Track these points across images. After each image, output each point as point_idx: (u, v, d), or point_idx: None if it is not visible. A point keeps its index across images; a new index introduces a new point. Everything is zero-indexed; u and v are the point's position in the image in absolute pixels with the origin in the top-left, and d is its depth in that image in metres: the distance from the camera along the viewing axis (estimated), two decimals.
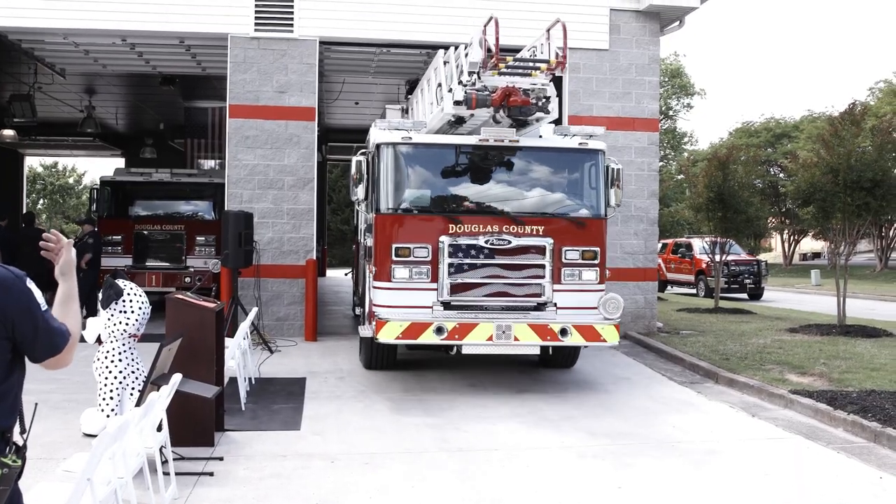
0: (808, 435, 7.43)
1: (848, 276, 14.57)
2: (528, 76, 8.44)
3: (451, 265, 8.77)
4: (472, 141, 9.17)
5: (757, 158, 24.60)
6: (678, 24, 14.35)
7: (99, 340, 6.88)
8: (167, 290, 13.45)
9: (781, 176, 40.44)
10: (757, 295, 25.28)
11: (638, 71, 14.00)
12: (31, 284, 2.67)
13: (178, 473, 5.53)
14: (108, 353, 6.82)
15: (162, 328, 6.91)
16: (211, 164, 19.60)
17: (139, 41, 14.08)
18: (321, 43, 13.43)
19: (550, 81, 8.58)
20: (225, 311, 9.11)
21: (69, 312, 2.81)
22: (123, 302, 6.81)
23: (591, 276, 9.19)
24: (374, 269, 9.24)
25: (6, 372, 2.63)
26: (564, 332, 8.59)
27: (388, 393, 9.04)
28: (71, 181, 58.28)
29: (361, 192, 9.51)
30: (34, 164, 51.73)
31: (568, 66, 8.64)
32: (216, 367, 6.91)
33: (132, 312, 6.82)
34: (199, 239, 15.93)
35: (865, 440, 7.24)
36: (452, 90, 8.59)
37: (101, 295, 6.85)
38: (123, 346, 6.85)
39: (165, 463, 5.32)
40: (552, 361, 10.34)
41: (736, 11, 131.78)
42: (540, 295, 8.91)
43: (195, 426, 6.53)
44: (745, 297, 24.76)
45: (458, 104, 8.39)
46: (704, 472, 6.34)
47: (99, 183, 16.67)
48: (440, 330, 8.43)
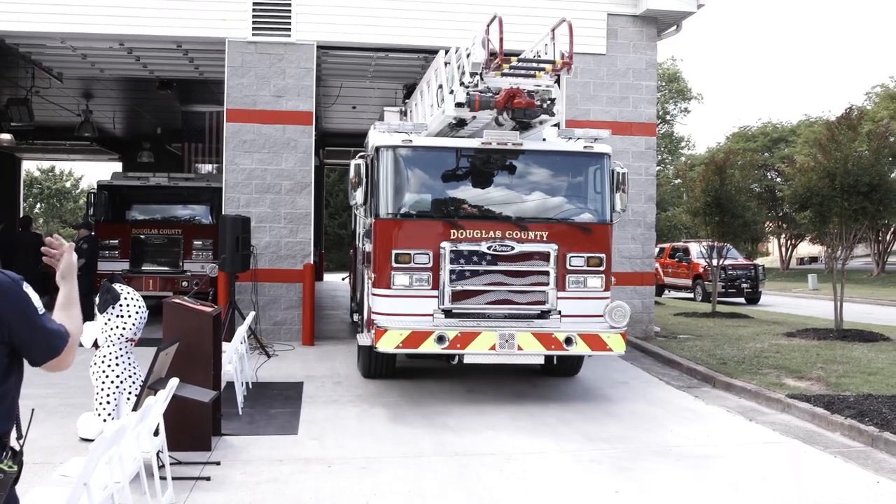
0: (805, 439, 7.44)
1: (845, 280, 14.60)
2: (532, 77, 8.19)
3: (452, 272, 8.51)
4: (474, 144, 8.93)
5: (754, 163, 24.65)
6: (675, 28, 14.40)
7: (96, 345, 6.88)
8: (164, 294, 13.43)
9: (778, 180, 40.53)
10: (754, 299, 25.30)
11: (635, 75, 14.04)
12: (27, 288, 2.66)
13: (174, 478, 5.51)
14: (105, 357, 6.81)
15: (159, 332, 6.89)
16: (208, 168, 19.59)
17: (137, 45, 14.09)
18: (319, 47, 13.44)
19: (556, 83, 8.33)
20: (222, 315, 9.09)
21: (70, 316, 2.82)
22: (120, 306, 6.80)
23: (596, 283, 8.91)
24: (373, 275, 8.99)
25: (3, 376, 2.63)
26: (569, 341, 8.35)
27: (385, 397, 9.02)
28: (68, 185, 58.23)
29: (360, 196, 9.20)
30: (31, 167, 51.83)
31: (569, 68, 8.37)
32: (213, 371, 6.90)
33: (129, 317, 6.81)
34: (196, 243, 15.92)
35: (862, 444, 7.25)
36: (454, 92, 8.32)
37: (98, 299, 6.85)
38: (120, 350, 6.85)
39: (162, 467, 5.30)
40: (555, 370, 10.06)
41: (733, 16, 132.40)
42: (544, 302, 8.66)
43: (192, 431, 6.52)
44: (742, 301, 24.76)
45: (459, 106, 8.14)
46: (702, 476, 6.33)
47: (96, 187, 16.68)
48: (442, 339, 8.18)
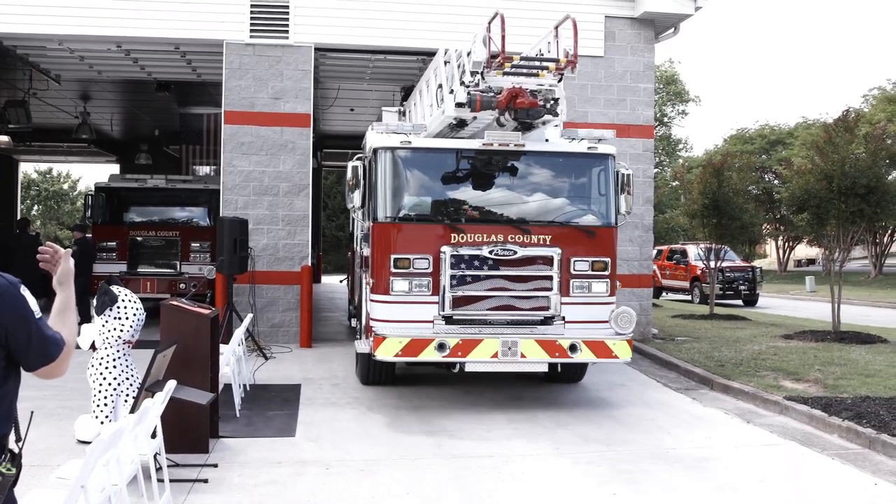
0: (803, 441, 7.44)
1: (842, 282, 14.61)
2: (535, 76, 7.97)
3: (453, 277, 8.29)
4: (475, 145, 8.69)
5: (751, 165, 24.63)
6: (673, 31, 14.42)
7: (93, 347, 6.87)
8: (162, 296, 13.42)
9: (776, 182, 40.52)
10: (752, 301, 25.32)
11: (633, 78, 14.06)
12: (25, 291, 2.65)
13: (172, 480, 5.50)
14: (102, 359, 6.80)
15: (156, 335, 6.88)
16: (206, 170, 19.59)
17: (134, 47, 14.09)
18: (316, 49, 13.45)
19: (559, 82, 8.07)
20: (220, 317, 9.08)
21: (66, 322, 2.80)
22: (118, 308, 6.79)
23: (601, 288, 8.71)
24: (371, 280, 8.76)
25: (1, 379, 2.62)
26: (574, 348, 8.07)
27: (383, 400, 9.01)
28: (65, 187, 58.20)
29: (358, 198, 9.02)
30: (29, 169, 51.89)
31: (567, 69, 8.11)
32: (211, 373, 6.89)
33: (126, 319, 6.80)
34: (193, 245, 15.92)
35: (860, 446, 7.25)
36: (454, 91, 8.07)
37: (95, 301, 6.84)
38: (118, 352, 6.84)
39: (160, 470, 5.29)
40: (558, 377, 9.58)
41: (731, 18, 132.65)
42: (547, 308, 8.45)
43: (190, 433, 6.52)
44: (739, 303, 24.77)
45: (460, 106, 7.89)
46: (699, 478, 6.33)
47: (94, 189, 16.67)
48: (442, 346, 7.89)
